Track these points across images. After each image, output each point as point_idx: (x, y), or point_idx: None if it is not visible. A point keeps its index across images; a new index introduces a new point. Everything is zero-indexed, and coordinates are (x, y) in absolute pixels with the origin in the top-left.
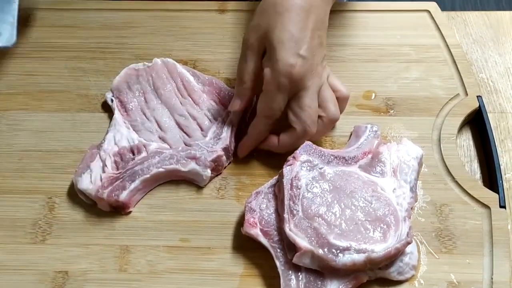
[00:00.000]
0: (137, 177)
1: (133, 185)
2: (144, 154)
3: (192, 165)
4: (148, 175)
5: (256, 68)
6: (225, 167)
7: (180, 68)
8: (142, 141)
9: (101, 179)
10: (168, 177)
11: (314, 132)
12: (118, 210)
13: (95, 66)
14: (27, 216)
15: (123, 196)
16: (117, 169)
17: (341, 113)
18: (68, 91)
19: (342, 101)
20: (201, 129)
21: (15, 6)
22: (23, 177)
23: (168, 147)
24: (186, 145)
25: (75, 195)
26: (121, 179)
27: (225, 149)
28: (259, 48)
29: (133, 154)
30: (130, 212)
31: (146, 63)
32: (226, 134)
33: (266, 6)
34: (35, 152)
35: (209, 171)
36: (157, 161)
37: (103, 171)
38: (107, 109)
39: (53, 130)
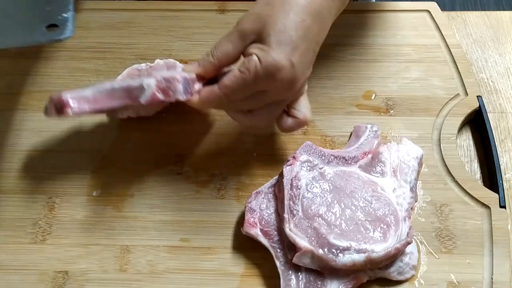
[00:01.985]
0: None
1: (82, 92)
2: None
3: (141, 79)
4: (100, 88)
5: (234, 53)
6: (179, 101)
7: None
8: None
9: None
10: (120, 98)
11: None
12: (58, 112)
13: (95, 66)
14: (27, 216)
15: (66, 95)
16: None
17: (290, 131)
18: None
19: (300, 123)
20: None
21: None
22: (23, 177)
23: None
24: None
25: (75, 195)
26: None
27: (184, 79)
28: (249, 37)
29: None
30: (66, 113)
31: (149, 63)
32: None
33: None
34: (35, 152)
35: (153, 80)
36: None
37: None
38: None
39: (53, 130)
